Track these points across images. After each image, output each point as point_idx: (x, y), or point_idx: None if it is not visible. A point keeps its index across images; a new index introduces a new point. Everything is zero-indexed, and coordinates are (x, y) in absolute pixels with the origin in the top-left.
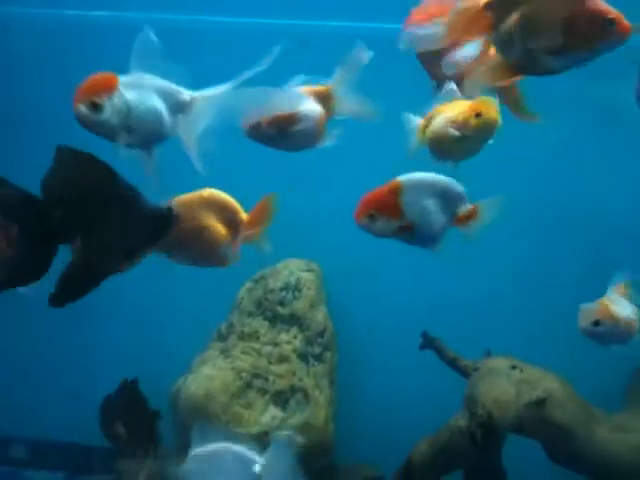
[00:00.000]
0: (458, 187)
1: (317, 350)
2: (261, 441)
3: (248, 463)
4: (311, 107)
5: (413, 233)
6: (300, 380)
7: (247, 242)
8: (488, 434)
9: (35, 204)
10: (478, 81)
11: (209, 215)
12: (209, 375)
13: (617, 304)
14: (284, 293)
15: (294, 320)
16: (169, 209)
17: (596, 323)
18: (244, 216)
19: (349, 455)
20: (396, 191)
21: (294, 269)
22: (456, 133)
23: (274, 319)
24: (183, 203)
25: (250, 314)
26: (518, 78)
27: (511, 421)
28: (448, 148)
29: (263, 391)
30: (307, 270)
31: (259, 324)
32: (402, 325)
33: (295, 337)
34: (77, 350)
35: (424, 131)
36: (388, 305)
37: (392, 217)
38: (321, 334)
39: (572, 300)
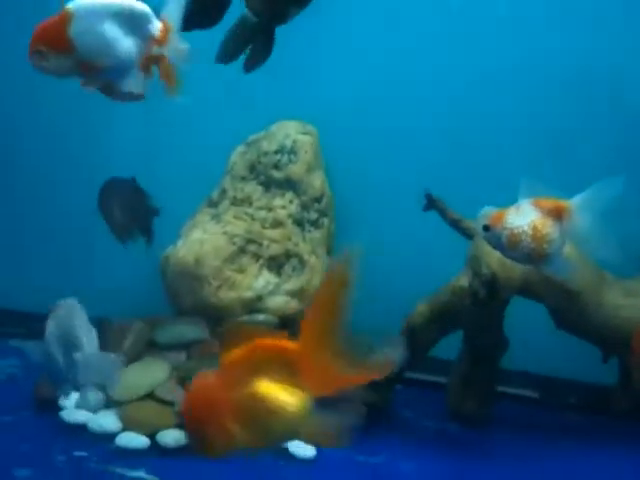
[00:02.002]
0: (140, 5)
1: (314, 216)
2: (254, 305)
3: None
4: None
5: (99, 69)
6: (295, 245)
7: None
8: (492, 293)
9: None
10: None
11: None
12: (199, 239)
13: (518, 214)
14: (279, 156)
15: (289, 184)
16: None
17: (486, 228)
18: None
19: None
20: (65, 21)
21: (290, 131)
22: None
23: (268, 183)
24: None
25: (243, 179)
26: None
27: (516, 282)
28: None
29: (257, 256)
30: (304, 133)
31: (252, 189)
32: (402, 190)
33: (291, 202)
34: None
35: None
36: (388, 170)
37: (63, 52)
38: (318, 200)
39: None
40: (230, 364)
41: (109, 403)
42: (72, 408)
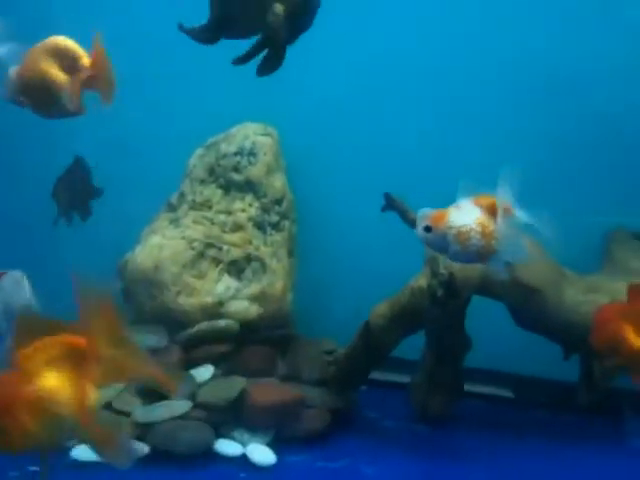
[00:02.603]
0: None
1: (274, 219)
2: (215, 311)
3: None
4: None
5: None
6: (256, 249)
7: (91, 87)
8: (450, 293)
9: None
10: None
11: (50, 62)
12: (158, 245)
13: (461, 212)
14: (238, 158)
15: (249, 187)
16: None
17: (428, 229)
18: (86, 60)
19: (310, 328)
20: None
21: (249, 133)
22: None
23: (228, 186)
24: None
25: (202, 182)
26: None
27: (475, 281)
28: None
29: (217, 261)
30: (263, 134)
31: (212, 192)
32: (365, 192)
33: (250, 205)
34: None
35: None
36: (351, 172)
37: None
38: (279, 202)
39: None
40: (21, 359)
41: None
42: None
